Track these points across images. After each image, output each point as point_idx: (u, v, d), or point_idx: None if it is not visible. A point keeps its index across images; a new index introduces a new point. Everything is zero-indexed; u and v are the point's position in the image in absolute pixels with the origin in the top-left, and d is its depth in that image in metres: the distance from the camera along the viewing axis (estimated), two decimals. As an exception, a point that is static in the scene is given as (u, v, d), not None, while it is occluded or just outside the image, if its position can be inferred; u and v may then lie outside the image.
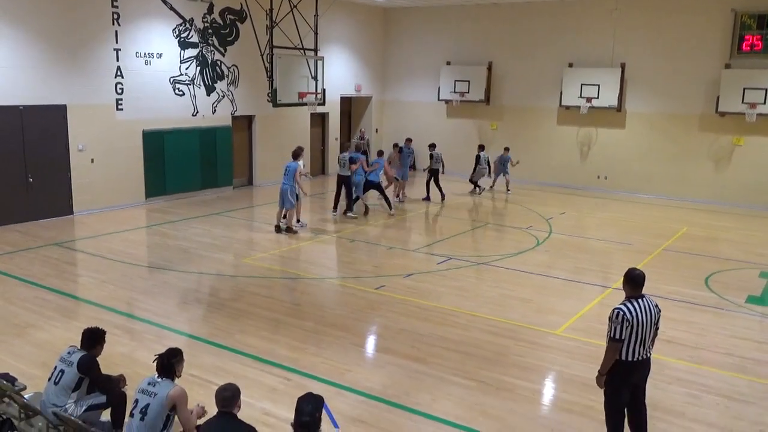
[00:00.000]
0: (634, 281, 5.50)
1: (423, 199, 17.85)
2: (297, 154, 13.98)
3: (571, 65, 20.08)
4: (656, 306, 5.57)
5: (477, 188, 19.36)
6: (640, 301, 5.45)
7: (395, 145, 18.29)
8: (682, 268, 11.78)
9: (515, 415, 6.36)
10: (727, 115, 17.92)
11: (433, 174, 17.76)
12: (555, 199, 18.43)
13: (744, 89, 17.39)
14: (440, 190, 17.72)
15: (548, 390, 7.11)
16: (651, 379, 7.13)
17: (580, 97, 19.67)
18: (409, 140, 18.64)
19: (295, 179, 13.41)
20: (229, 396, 4.55)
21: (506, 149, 19.54)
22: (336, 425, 6.03)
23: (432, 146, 18.17)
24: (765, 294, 10.39)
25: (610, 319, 5.44)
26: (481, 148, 19.40)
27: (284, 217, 13.76)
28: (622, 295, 5.63)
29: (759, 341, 8.48)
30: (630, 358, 5.46)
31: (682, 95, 18.80)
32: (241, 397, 6.16)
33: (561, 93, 20.14)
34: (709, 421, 6.35)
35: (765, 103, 17.19)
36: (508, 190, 19.31)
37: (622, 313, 5.36)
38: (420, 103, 23.38)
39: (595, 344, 8.11)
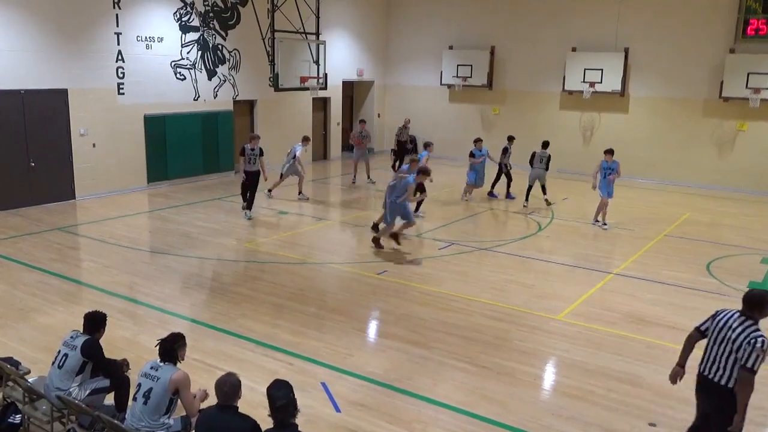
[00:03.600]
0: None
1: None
2: (426, 171, 11.71)
3: (574, 49, 19.95)
4: None
5: (527, 200, 15.52)
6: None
7: (361, 121, 18.35)
8: (684, 254, 11.78)
9: (516, 400, 6.39)
10: (731, 100, 17.82)
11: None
12: (557, 185, 18.37)
13: (748, 74, 17.28)
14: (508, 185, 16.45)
15: (549, 375, 7.13)
16: (655, 366, 7.21)
17: (583, 81, 19.56)
18: (479, 141, 16.22)
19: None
20: (228, 392, 4.47)
21: (609, 152, 13.75)
22: (337, 409, 6.06)
23: (510, 139, 16.72)
24: (767, 280, 10.39)
25: (754, 346, 4.77)
26: (545, 145, 15.65)
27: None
28: (623, 281, 5.62)
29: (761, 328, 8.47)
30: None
31: (686, 80, 18.69)
32: (244, 381, 6.21)
33: (564, 77, 20.03)
34: (709, 406, 6.36)
35: (770, 88, 17.11)
36: (604, 223, 13.70)
37: None
38: (422, 88, 23.28)
39: (596, 330, 8.14)
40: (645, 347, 7.65)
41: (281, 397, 4.18)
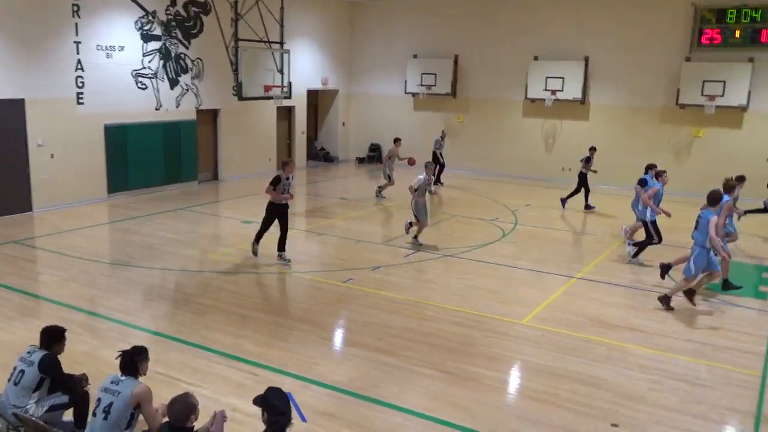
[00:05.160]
0: None
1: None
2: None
3: (536, 58, 20.26)
4: None
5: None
6: None
7: (396, 140, 17.89)
8: (645, 257, 12.00)
9: (482, 405, 6.42)
10: (688, 107, 18.30)
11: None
12: (520, 191, 18.62)
13: (703, 82, 17.78)
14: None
15: (514, 379, 7.20)
16: (614, 367, 7.34)
17: (545, 89, 19.90)
18: (655, 170, 12.61)
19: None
20: (177, 413, 4.39)
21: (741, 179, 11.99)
22: (303, 419, 6.02)
23: (593, 149, 16.53)
24: (722, 281, 10.64)
25: None
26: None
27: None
28: (586, 284, 5.71)
29: (717, 327, 8.70)
30: None
31: (644, 88, 19.13)
32: (208, 393, 6.14)
33: (526, 86, 20.33)
34: (669, 405, 6.49)
35: (723, 95, 17.62)
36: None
37: None
38: (387, 96, 23.36)
39: (559, 333, 8.24)
40: (607, 350, 7.78)
41: (279, 406, 4.20)
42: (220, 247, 12.14)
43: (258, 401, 4.31)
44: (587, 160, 16.27)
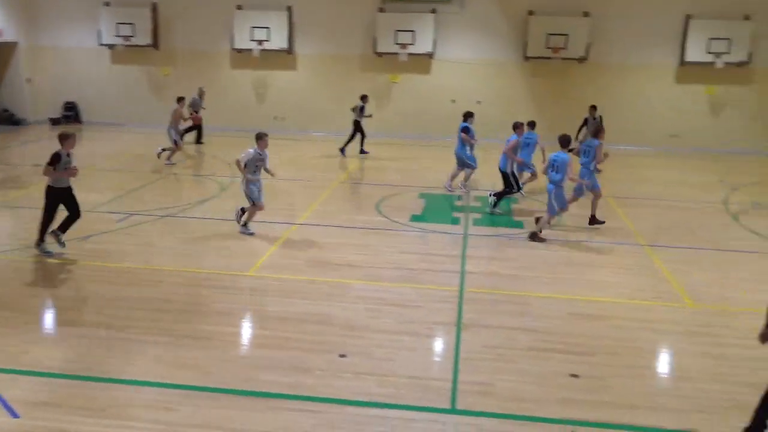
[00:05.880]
0: None
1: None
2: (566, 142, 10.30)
3: (239, 8, 19.97)
4: None
5: None
6: None
7: (179, 99, 16.15)
8: (357, 198, 12.92)
9: (215, 361, 6.39)
10: (384, 56, 19.75)
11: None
12: (235, 144, 18.36)
13: (396, 31, 19.31)
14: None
15: (245, 330, 7.29)
16: (339, 302, 7.85)
17: (252, 39, 19.78)
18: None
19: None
20: None
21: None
22: (15, 414, 5.38)
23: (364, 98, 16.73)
24: (424, 212, 11.96)
25: None
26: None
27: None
28: (306, 229, 5.94)
29: (421, 253, 9.77)
30: None
31: (345, 37, 20.16)
32: None
33: (233, 36, 19.98)
34: (388, 329, 7.18)
35: (413, 44, 19.35)
36: None
37: None
38: (79, 49, 21.13)
39: (285, 279, 8.51)
40: (329, 287, 8.26)
41: None
42: None
43: None
44: (361, 109, 16.84)
